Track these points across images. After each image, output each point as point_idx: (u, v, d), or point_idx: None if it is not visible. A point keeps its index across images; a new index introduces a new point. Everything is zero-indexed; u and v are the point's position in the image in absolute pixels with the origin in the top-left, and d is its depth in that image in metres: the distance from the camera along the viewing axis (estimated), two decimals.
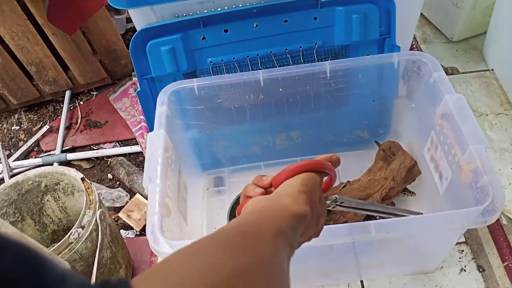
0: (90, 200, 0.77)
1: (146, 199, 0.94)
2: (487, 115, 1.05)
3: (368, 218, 0.85)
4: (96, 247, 0.75)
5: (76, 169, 0.91)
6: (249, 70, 0.86)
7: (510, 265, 0.78)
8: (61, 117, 1.38)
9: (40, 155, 1.32)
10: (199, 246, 0.33)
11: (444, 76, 0.75)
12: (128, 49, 0.92)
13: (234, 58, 0.85)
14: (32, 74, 1.35)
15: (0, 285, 0.16)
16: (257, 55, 0.85)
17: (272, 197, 0.44)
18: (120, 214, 1.09)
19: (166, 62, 0.82)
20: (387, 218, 0.62)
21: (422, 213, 0.69)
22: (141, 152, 1.25)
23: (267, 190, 0.48)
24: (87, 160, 1.29)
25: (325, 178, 0.50)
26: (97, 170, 1.26)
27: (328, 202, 0.51)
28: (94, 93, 1.49)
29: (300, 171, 0.45)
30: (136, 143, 1.27)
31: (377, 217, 0.85)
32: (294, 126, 0.94)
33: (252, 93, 0.84)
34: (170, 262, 0.31)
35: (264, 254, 0.34)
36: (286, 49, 0.85)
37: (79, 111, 1.42)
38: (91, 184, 0.80)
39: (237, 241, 0.34)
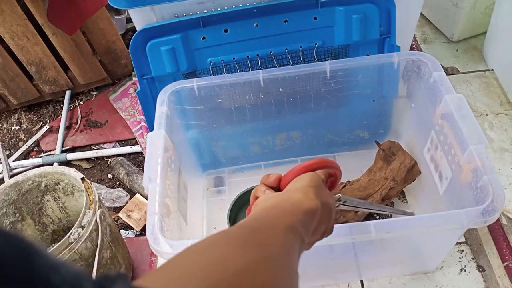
0: (90, 200, 0.77)
1: (146, 199, 0.94)
2: (487, 115, 1.05)
3: (368, 218, 0.85)
4: (96, 247, 0.75)
5: (76, 169, 0.91)
6: (249, 70, 0.86)
7: (510, 265, 0.78)
8: (61, 117, 1.38)
9: (40, 155, 1.32)
10: (211, 241, 0.34)
11: (444, 76, 0.75)
12: (128, 49, 0.92)
13: (234, 58, 0.85)
14: (32, 74, 1.34)
15: None
16: (257, 55, 0.85)
17: (282, 194, 0.45)
18: (120, 214, 1.09)
19: (166, 62, 0.82)
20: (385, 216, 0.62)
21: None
22: (141, 152, 1.24)
23: (275, 188, 0.49)
24: (87, 160, 1.29)
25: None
26: (97, 170, 1.26)
27: None
28: (94, 93, 1.49)
29: (308, 170, 0.47)
30: (136, 143, 1.27)
31: (377, 217, 0.85)
32: (294, 126, 0.94)
33: (252, 93, 0.84)
34: (179, 257, 0.31)
35: (273, 250, 0.33)
36: (286, 49, 0.85)
37: (79, 111, 1.42)
38: (91, 184, 0.80)
39: (246, 236, 0.34)
